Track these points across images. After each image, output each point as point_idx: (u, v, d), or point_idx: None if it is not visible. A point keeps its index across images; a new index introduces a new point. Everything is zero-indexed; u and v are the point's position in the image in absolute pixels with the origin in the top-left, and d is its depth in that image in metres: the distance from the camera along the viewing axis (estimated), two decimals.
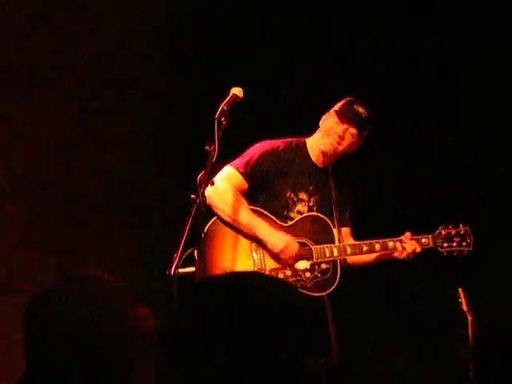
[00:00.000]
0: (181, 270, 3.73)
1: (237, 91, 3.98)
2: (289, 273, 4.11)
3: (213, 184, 3.84)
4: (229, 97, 3.95)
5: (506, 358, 2.00)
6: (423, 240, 4.24)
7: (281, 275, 4.09)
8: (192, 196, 3.78)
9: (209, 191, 4.08)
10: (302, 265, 4.13)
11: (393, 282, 5.55)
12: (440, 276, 5.39)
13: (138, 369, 1.89)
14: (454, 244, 4.30)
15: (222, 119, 3.85)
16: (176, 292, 3.49)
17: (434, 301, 5.42)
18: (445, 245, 4.29)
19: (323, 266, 4.13)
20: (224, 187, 4.16)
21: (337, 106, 4.25)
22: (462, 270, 5.28)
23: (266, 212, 4.19)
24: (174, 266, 3.65)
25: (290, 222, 4.18)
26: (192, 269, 3.93)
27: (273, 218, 4.18)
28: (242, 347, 1.53)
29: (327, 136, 4.21)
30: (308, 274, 4.11)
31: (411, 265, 5.45)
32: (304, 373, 1.57)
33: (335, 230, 4.23)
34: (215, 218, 4.14)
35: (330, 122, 4.22)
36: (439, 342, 5.41)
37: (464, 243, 4.32)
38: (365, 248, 4.17)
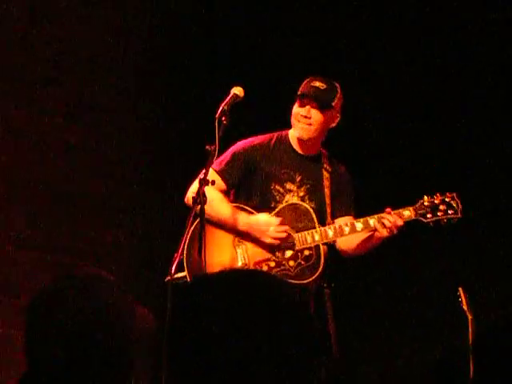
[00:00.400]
0: (175, 276, 3.76)
1: (237, 91, 3.98)
2: (273, 264, 4.08)
3: (213, 183, 3.85)
4: (229, 96, 3.95)
5: (506, 357, 2.00)
6: (405, 213, 4.00)
7: (265, 267, 4.07)
8: (193, 196, 3.79)
9: (189, 192, 4.14)
10: (285, 254, 4.10)
11: (393, 280, 5.55)
12: (440, 275, 5.39)
13: (138, 367, 1.89)
14: (440, 213, 3.99)
15: (223, 119, 3.85)
16: (170, 298, 3.50)
17: (434, 300, 5.41)
18: (429, 215, 4.00)
19: (306, 252, 4.07)
20: (194, 184, 4.15)
21: (298, 91, 4.23)
22: (463, 269, 5.29)
23: (245, 206, 4.18)
24: (175, 264, 3.66)
25: (271, 213, 4.15)
26: (183, 273, 3.93)
27: (253, 211, 4.16)
28: (243, 346, 1.53)
29: (297, 122, 4.16)
30: (292, 263, 4.06)
31: (412, 263, 5.48)
32: (306, 372, 1.57)
33: (324, 225, 4.14)
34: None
35: (294, 108, 4.18)
36: (439, 341, 5.41)
37: (451, 211, 4.00)
38: (346, 229, 4.06)
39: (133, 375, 1.88)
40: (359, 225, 4.04)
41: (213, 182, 3.82)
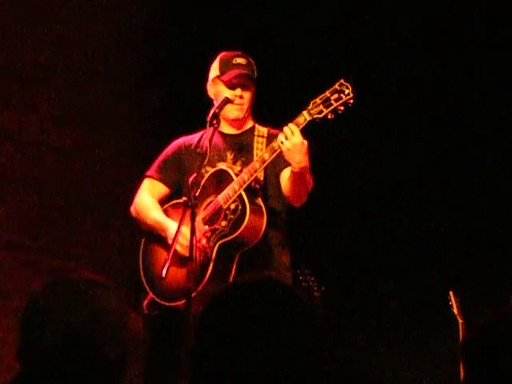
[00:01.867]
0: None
1: (229, 94, 3.98)
2: (209, 234, 3.98)
3: (204, 187, 3.85)
4: (221, 100, 3.94)
5: (496, 361, 2.01)
6: (299, 119, 3.80)
7: (204, 241, 4.00)
8: (184, 199, 3.78)
9: (135, 203, 4.21)
10: (217, 220, 4.03)
11: (384, 284, 5.56)
12: (431, 279, 5.41)
13: (131, 372, 1.91)
14: (334, 102, 3.77)
15: (214, 122, 3.85)
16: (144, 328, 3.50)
17: (424, 304, 5.42)
18: (323, 110, 3.79)
19: (232, 206, 3.94)
20: (138, 195, 4.22)
21: (216, 70, 4.07)
22: (454, 273, 5.30)
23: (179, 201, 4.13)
24: (166, 267, 3.66)
25: (197, 193, 4.09)
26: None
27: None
28: (259, 351, 1.58)
29: (229, 104, 4.02)
30: (224, 223, 3.96)
31: (402, 268, 5.49)
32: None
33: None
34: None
35: (221, 91, 4.03)
36: (430, 346, 5.42)
37: (343, 95, 3.78)
38: (257, 164, 3.91)
39: (124, 378, 1.89)
40: (266, 155, 3.91)
41: (203, 186, 3.83)
